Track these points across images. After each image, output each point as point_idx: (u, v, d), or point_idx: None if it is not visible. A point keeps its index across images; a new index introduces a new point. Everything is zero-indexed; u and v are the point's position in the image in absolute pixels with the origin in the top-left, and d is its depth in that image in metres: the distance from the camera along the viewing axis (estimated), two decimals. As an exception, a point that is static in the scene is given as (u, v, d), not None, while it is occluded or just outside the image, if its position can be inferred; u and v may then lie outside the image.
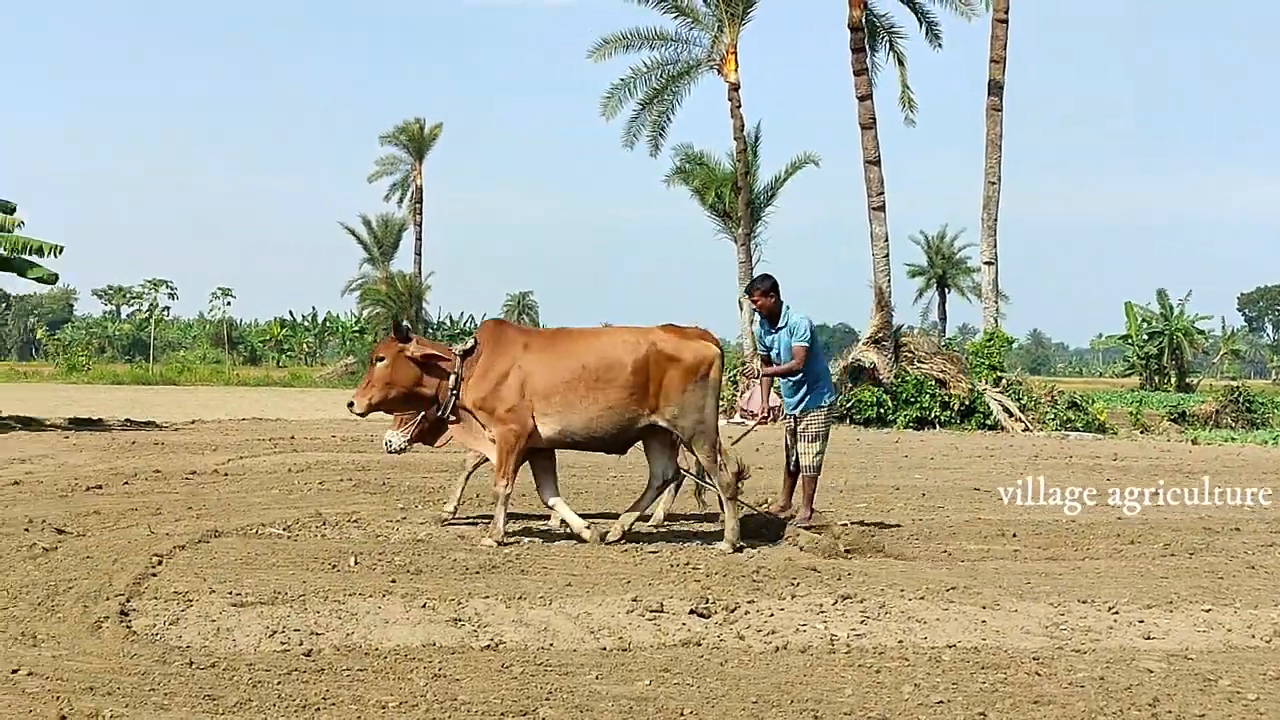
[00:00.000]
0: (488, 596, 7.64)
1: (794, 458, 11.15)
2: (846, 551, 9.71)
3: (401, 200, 72.18)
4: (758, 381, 11.91)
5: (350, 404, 10.16)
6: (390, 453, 11.32)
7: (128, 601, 7.20)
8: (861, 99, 33.37)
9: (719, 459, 10.11)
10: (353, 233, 75.12)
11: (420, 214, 71.48)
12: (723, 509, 10.14)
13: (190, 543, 9.32)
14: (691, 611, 7.33)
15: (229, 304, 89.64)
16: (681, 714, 5.36)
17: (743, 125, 38.34)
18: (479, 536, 9.96)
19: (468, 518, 11.09)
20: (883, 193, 33.19)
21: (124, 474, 14.25)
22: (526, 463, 10.24)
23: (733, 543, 9.91)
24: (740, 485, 10.26)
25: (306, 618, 6.97)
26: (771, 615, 7.38)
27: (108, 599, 7.21)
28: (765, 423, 11.57)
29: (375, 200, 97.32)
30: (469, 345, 10.21)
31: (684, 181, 41.84)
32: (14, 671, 5.66)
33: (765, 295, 11.07)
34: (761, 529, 10.60)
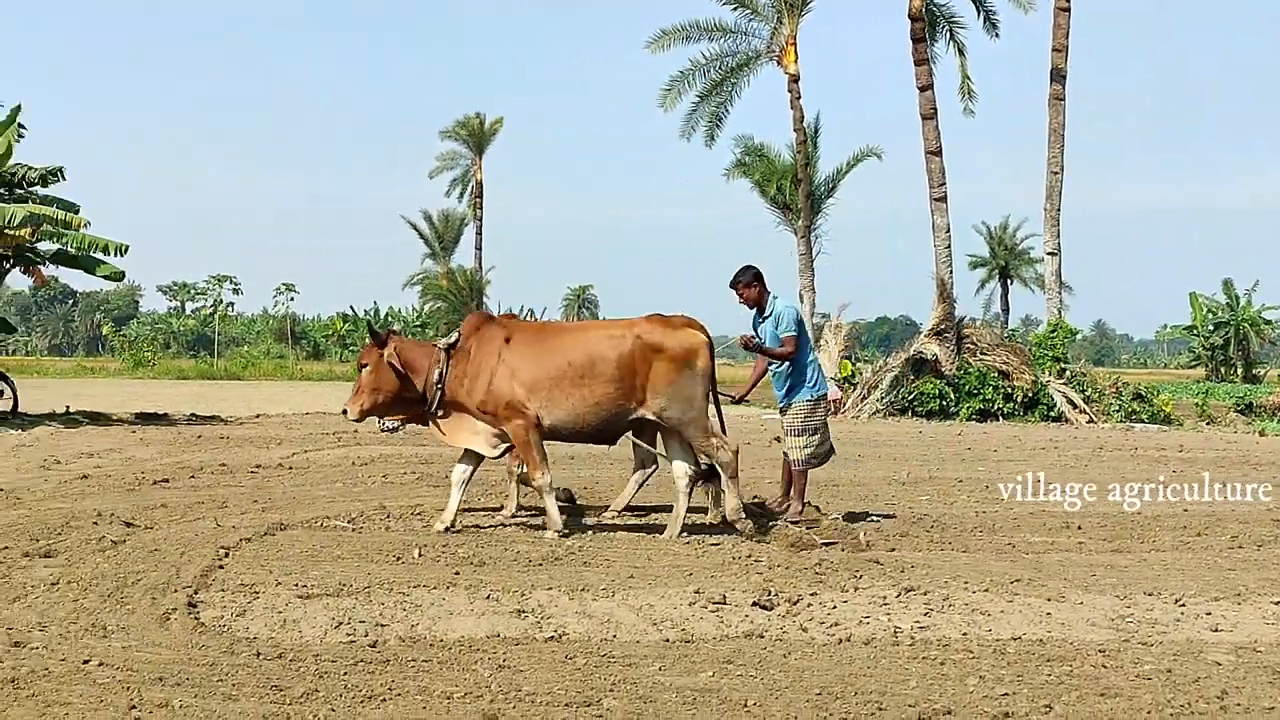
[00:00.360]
0: (551, 588, 7.68)
1: (785, 453, 11.11)
2: (824, 544, 9.59)
3: (462, 195, 72.45)
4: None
5: (344, 411, 10.36)
6: (383, 431, 11.37)
7: (195, 594, 7.29)
8: (922, 89, 33.18)
9: (714, 440, 10.06)
10: (414, 227, 75.63)
11: (480, 208, 71.67)
12: (723, 488, 10.13)
13: (256, 536, 9.42)
14: (754, 604, 7.33)
15: (292, 299, 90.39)
16: (745, 705, 5.36)
17: (803, 117, 38.28)
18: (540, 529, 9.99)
19: (528, 509, 11.11)
20: (944, 183, 33.01)
21: (190, 468, 14.40)
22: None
23: (739, 523, 9.94)
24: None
25: (372, 609, 7.03)
26: (834, 608, 7.36)
27: (176, 591, 7.31)
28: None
29: (437, 195, 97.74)
30: (453, 339, 10.27)
31: (744, 174, 41.83)
32: (85, 662, 5.74)
33: (748, 287, 11.00)
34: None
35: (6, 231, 21.41)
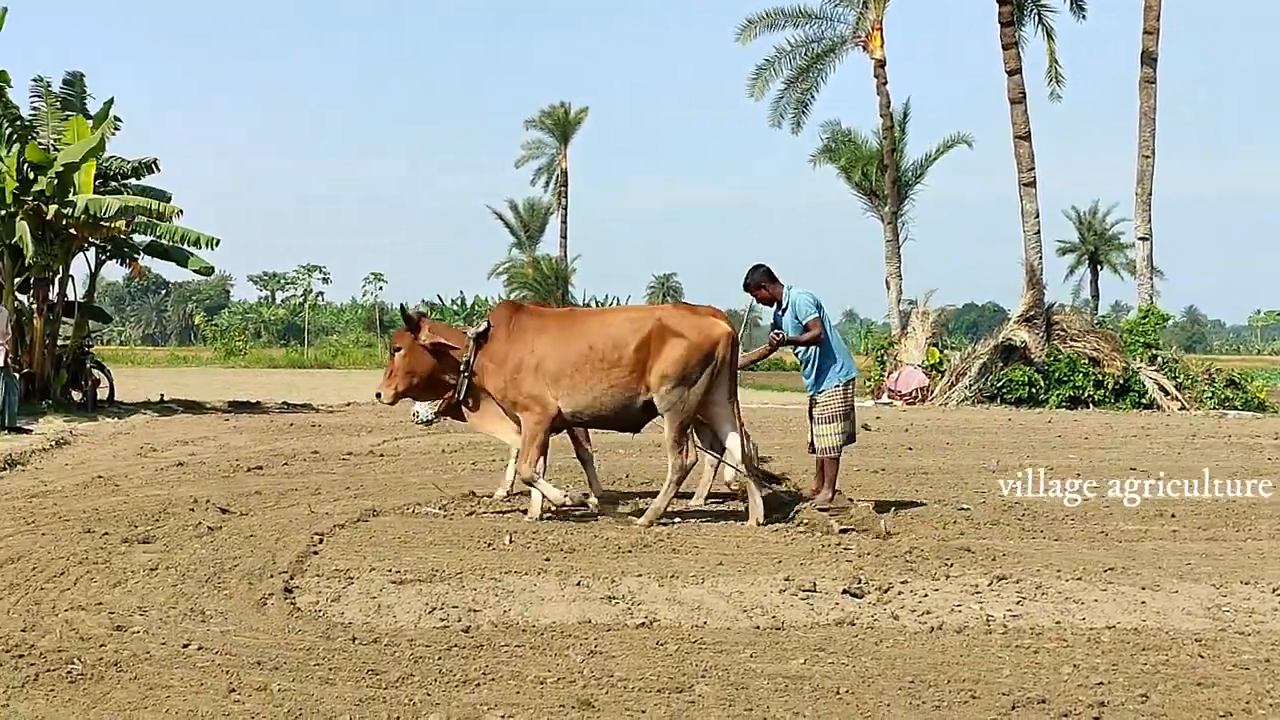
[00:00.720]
0: (640, 575, 7.71)
1: (810, 439, 10.96)
2: (842, 531, 9.50)
3: (548, 184, 72.64)
4: (907, 364, 11.66)
5: (378, 394, 10.52)
6: (418, 424, 11.38)
7: (291, 579, 7.40)
8: (1011, 73, 32.85)
9: (685, 442, 10.06)
10: (500, 217, 76.01)
11: (565, 197, 71.83)
12: (665, 484, 10.06)
13: (349, 522, 9.56)
14: (844, 591, 7.30)
15: (381, 289, 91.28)
16: (837, 693, 5.34)
17: (889, 102, 37.94)
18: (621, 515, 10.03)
19: (616, 494, 11.13)
20: (1033, 168, 32.68)
21: (283, 455, 14.63)
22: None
23: (650, 520, 9.78)
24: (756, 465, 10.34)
25: (464, 595, 7.09)
26: (925, 595, 7.31)
27: (272, 576, 7.42)
28: (913, 403, 11.39)
29: (522, 185, 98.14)
30: (483, 328, 10.33)
31: (830, 160, 41.55)
32: (185, 646, 5.83)
33: (759, 287, 10.88)
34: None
35: (102, 224, 21.78)
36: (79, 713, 4.83)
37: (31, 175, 21.70)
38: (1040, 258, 32.87)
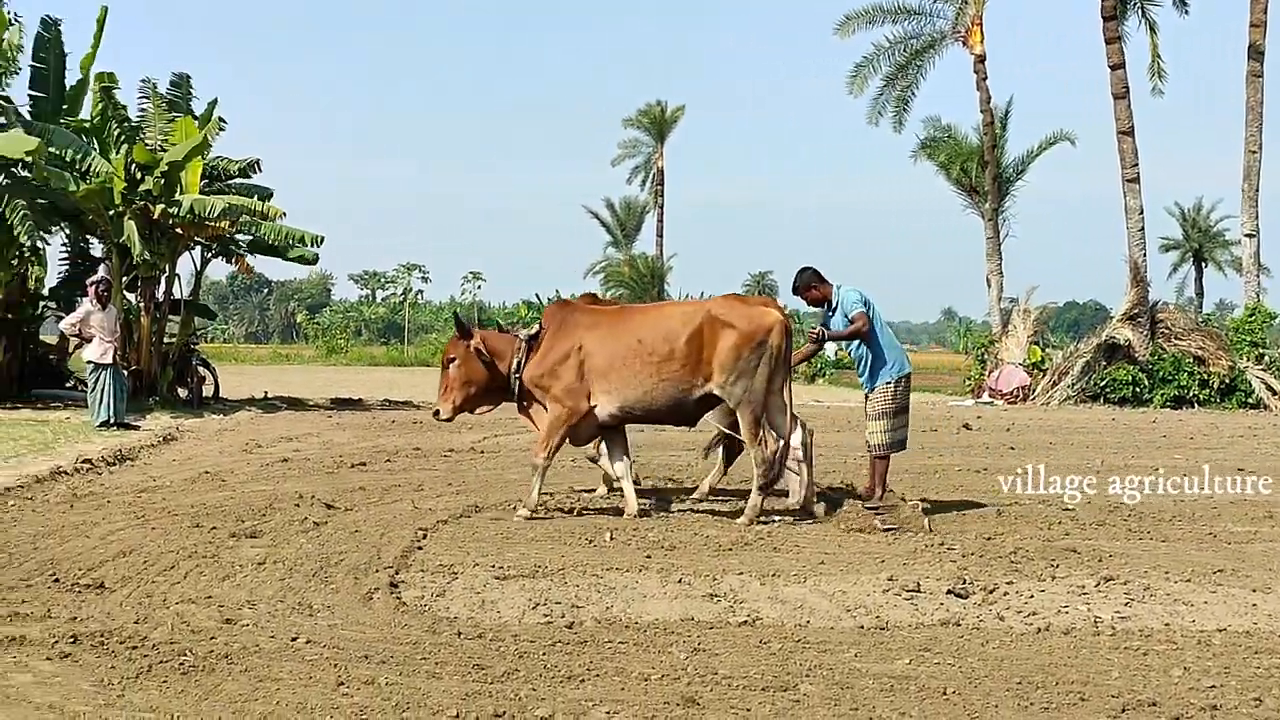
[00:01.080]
0: (742, 573, 7.70)
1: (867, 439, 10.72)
2: (885, 530, 9.45)
3: (644, 183, 72.72)
4: (1008, 363, 11.51)
5: (436, 412, 10.53)
6: (441, 421, 10.86)
7: (396, 574, 7.49)
8: (1114, 68, 32.40)
9: (761, 434, 9.92)
10: (596, 216, 76.19)
11: (662, 196, 71.87)
12: (754, 480, 9.95)
13: (452, 518, 9.66)
14: (949, 591, 7.25)
15: (479, 287, 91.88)
16: (944, 693, 5.30)
17: (989, 98, 37.51)
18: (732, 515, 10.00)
19: (722, 492, 11.12)
20: (1136, 164, 32.23)
21: (386, 451, 14.78)
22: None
23: (751, 519, 9.75)
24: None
25: (567, 591, 7.13)
26: (1031, 596, 7.24)
27: (377, 571, 7.51)
28: (1014, 402, 11.26)
29: (619, 183, 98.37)
30: (535, 330, 10.31)
31: (930, 157, 41.16)
32: (293, 639, 5.91)
33: (810, 288, 10.68)
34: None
35: (207, 223, 22.13)
36: (191, 704, 4.90)
37: (139, 175, 22.08)
38: (1144, 255, 32.40)
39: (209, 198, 22.20)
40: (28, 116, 22.43)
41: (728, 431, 10.74)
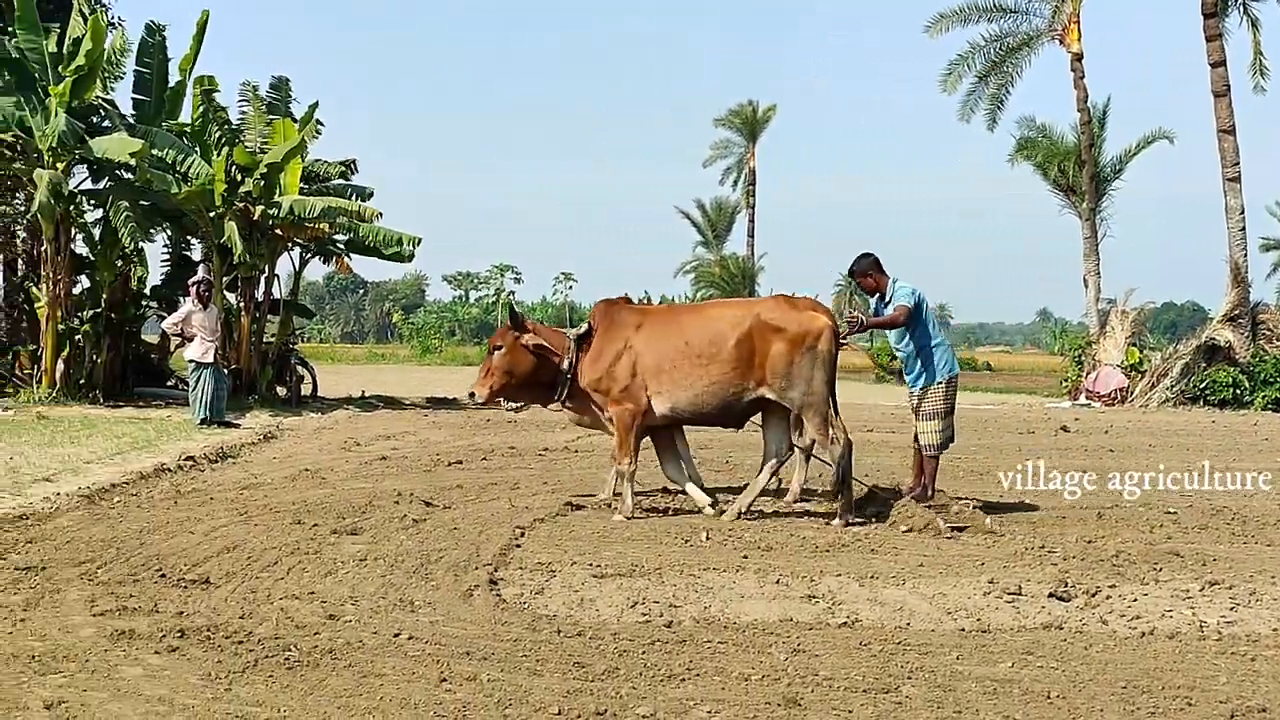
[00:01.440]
0: (840, 575, 7.66)
1: (914, 434, 10.79)
2: (952, 529, 9.37)
3: (736, 183, 72.60)
4: (1105, 364, 11.34)
5: (471, 394, 10.43)
6: (477, 405, 10.77)
7: (495, 571, 7.54)
8: (1214, 65, 31.87)
9: (830, 432, 9.80)
10: (687, 216, 76.19)
11: (753, 196, 71.76)
12: (832, 480, 9.99)
13: (549, 516, 9.71)
14: (1051, 595, 7.17)
15: (571, 288, 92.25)
16: (1048, 697, 5.24)
17: (1087, 96, 36.99)
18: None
19: (813, 494, 11.07)
20: (1238, 163, 31.69)
21: (482, 450, 14.87)
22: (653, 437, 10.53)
23: (844, 520, 9.69)
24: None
25: (664, 590, 7.14)
26: (1134, 600, 7.15)
27: (476, 568, 7.56)
28: (1112, 404, 11.10)
29: (710, 184, 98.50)
30: (583, 329, 10.33)
31: (1026, 156, 40.65)
32: (395, 635, 5.97)
33: (866, 275, 10.71)
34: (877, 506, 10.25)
35: (306, 224, 22.41)
36: (297, 698, 4.97)
37: (239, 177, 22.42)
38: (1245, 255, 31.85)
39: (308, 199, 22.50)
40: (131, 120, 22.84)
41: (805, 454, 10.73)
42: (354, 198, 24.54)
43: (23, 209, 23.15)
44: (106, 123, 22.60)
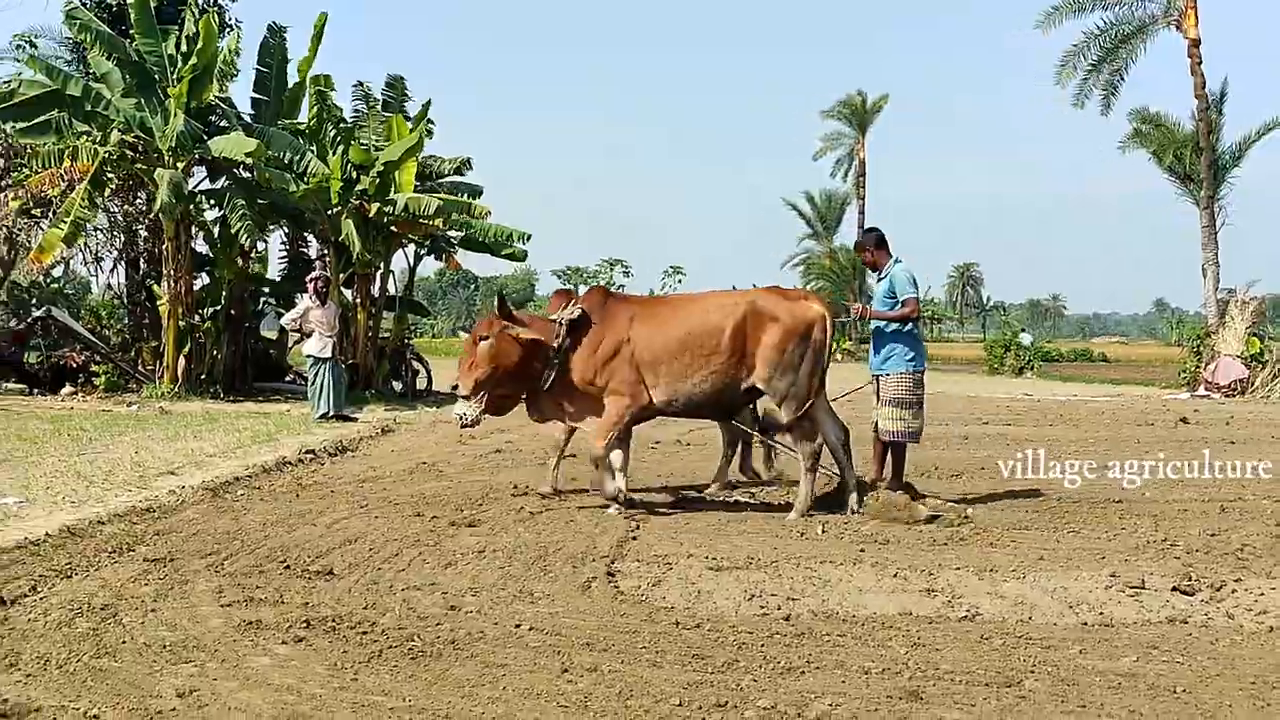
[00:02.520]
0: (959, 568, 7.60)
1: (875, 422, 10.39)
2: (929, 518, 9.31)
3: (845, 175, 72.18)
4: (1225, 355, 11.09)
5: (454, 387, 9.81)
6: (463, 427, 9.89)
7: (612, 563, 7.59)
8: (1340, 47, 31.07)
9: (806, 427, 9.64)
10: (795, 208, 75.88)
11: (863, 187, 71.29)
12: (801, 474, 9.75)
13: (664, 508, 9.69)
14: (1174, 589, 7.06)
15: (680, 281, 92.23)
16: (1174, 692, 5.16)
17: (1204, 82, 36.26)
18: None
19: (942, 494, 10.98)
20: (1365, 148, 30.88)
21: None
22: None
23: (802, 512, 9.53)
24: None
25: (781, 583, 7.13)
26: (1261, 594, 6.99)
27: (594, 560, 7.62)
28: (1231, 395, 10.85)
29: (818, 176, 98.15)
30: (575, 314, 9.77)
31: (1141, 145, 39.96)
32: (516, 626, 6.03)
33: (866, 250, 10.58)
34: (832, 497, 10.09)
35: (421, 221, 22.66)
36: (421, 688, 5.04)
37: (355, 175, 22.73)
38: (1374, 242, 31.05)
39: (423, 196, 22.74)
40: (248, 119, 23.26)
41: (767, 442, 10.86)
42: (465, 195, 24.79)
43: (144, 209, 23.67)
44: (224, 123, 23.06)
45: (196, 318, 22.16)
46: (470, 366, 9.62)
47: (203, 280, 23.58)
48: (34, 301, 25.82)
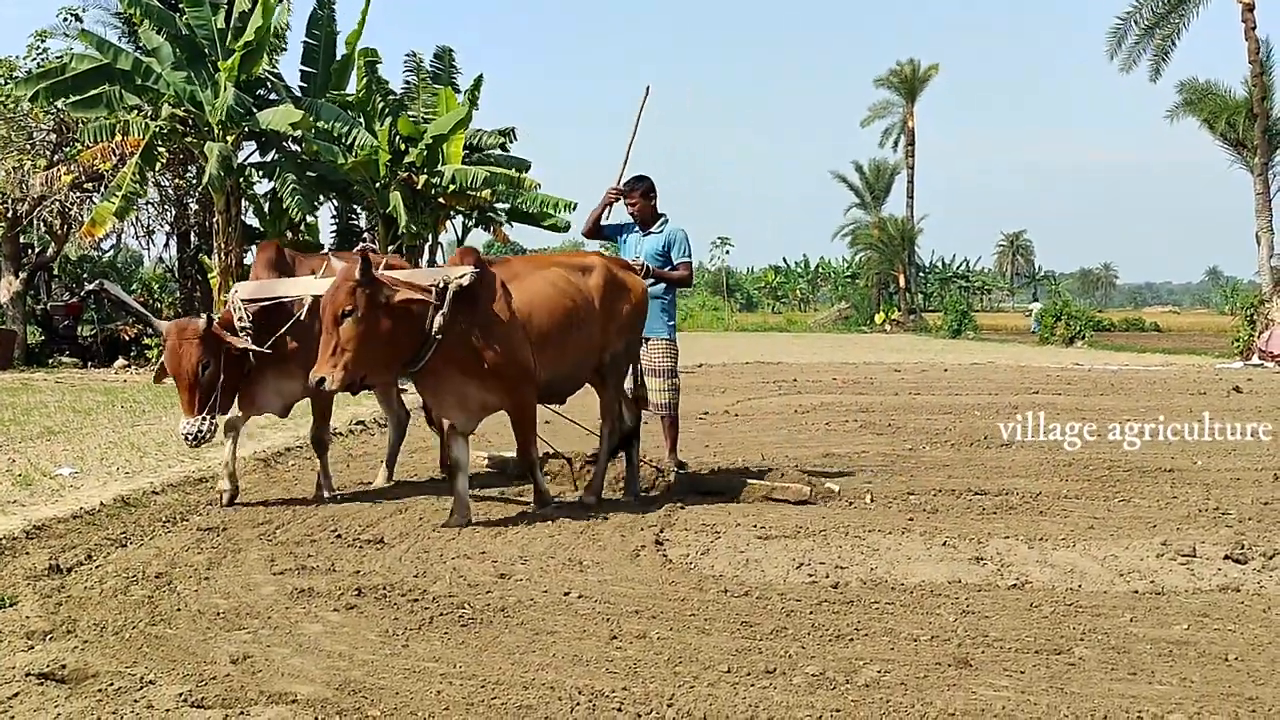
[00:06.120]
0: (1008, 537, 7.58)
1: (644, 394, 9.58)
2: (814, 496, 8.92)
3: (896, 145, 71.79)
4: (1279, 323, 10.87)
5: (321, 380, 7.23)
6: (195, 445, 8.21)
7: (661, 532, 7.61)
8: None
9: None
10: (843, 179, 75.57)
11: (912, 157, 70.87)
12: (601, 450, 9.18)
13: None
14: (1227, 557, 7.02)
15: (727, 253, 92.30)
16: (1225, 660, 5.13)
17: (1258, 48, 35.81)
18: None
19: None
20: None
21: (645, 415, 14.91)
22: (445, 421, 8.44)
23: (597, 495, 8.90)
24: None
25: (829, 551, 7.13)
26: (1316, 563, 6.96)
27: (642, 529, 7.65)
28: None
29: (867, 146, 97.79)
30: (460, 275, 7.70)
31: (1191, 112, 39.52)
32: (566, 594, 6.06)
33: (642, 196, 9.61)
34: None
35: (469, 193, 22.72)
36: (472, 654, 5.07)
37: (403, 147, 22.80)
38: None
39: (470, 168, 22.80)
40: (298, 92, 23.38)
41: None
42: (513, 169, 24.85)
43: (194, 182, 23.85)
44: (273, 96, 23.19)
45: (247, 290, 22.32)
46: (335, 351, 7.28)
47: (253, 253, 23.73)
48: (86, 275, 26.07)
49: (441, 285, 7.61)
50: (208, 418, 8.11)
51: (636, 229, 9.73)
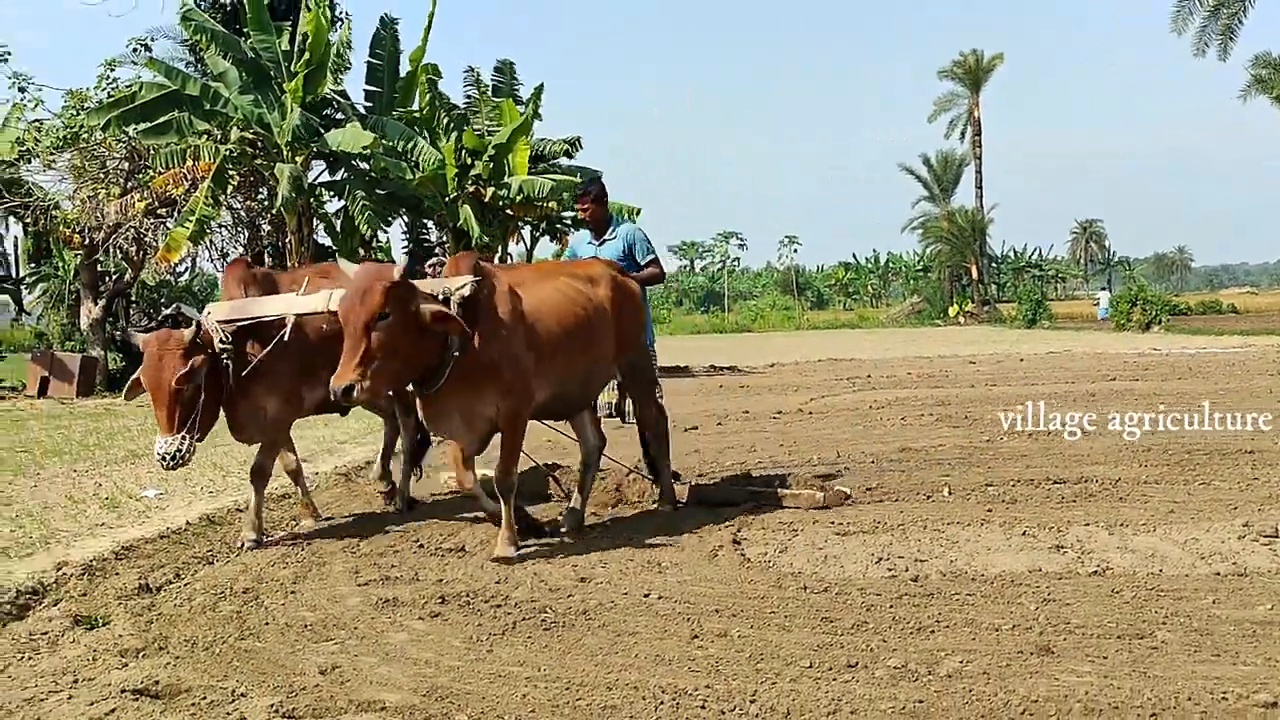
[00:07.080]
0: (1088, 524, 7.55)
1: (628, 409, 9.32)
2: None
3: (962, 136, 71.32)
4: None
5: (349, 389, 6.60)
6: (171, 468, 7.63)
7: (739, 531, 7.65)
8: None
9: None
10: (911, 172, 75.24)
11: (979, 147, 70.36)
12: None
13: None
14: (1309, 537, 6.96)
15: (795, 251, 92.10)
16: (1312, 640, 5.10)
17: (1330, 20, 35.29)
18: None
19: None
20: None
21: (716, 415, 14.99)
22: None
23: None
24: None
25: (908, 545, 7.13)
26: (1401, 542, 6.88)
27: (720, 529, 7.69)
28: None
29: (933, 138, 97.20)
30: (462, 285, 7.20)
31: (1263, 91, 39.02)
32: (645, 595, 6.11)
33: (596, 201, 9.18)
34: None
35: (536, 203, 22.86)
36: (555, 657, 5.13)
37: (469, 160, 22.98)
38: None
39: (536, 178, 22.93)
40: (362, 110, 23.62)
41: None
42: (579, 177, 24.97)
43: (266, 203, 24.14)
44: (339, 115, 23.44)
45: (322, 309, 22.55)
46: (362, 358, 6.68)
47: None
48: (163, 300, 26.43)
49: (442, 298, 7.12)
50: (187, 437, 7.52)
51: (589, 240, 9.30)
